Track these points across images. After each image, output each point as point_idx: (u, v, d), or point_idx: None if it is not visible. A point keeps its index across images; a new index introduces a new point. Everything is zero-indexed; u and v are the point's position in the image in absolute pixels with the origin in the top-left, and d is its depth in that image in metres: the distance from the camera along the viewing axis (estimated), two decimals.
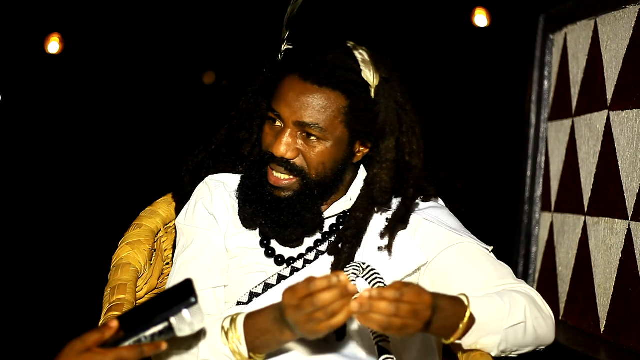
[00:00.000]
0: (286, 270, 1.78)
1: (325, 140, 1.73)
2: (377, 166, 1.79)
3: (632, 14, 2.35)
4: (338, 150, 1.76)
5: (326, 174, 1.76)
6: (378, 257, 1.77)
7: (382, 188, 1.78)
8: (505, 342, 1.64)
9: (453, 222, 1.85)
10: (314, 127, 1.72)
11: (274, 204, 1.76)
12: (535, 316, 1.67)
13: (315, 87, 1.73)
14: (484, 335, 1.60)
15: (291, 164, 1.74)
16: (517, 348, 1.68)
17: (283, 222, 1.76)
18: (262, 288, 1.76)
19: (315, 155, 1.74)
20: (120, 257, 1.92)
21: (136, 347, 1.31)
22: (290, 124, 1.73)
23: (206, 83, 7.65)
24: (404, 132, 1.79)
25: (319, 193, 1.76)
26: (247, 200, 1.78)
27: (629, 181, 2.31)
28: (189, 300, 1.34)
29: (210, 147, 1.95)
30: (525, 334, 1.66)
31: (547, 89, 2.94)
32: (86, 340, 1.30)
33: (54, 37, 7.13)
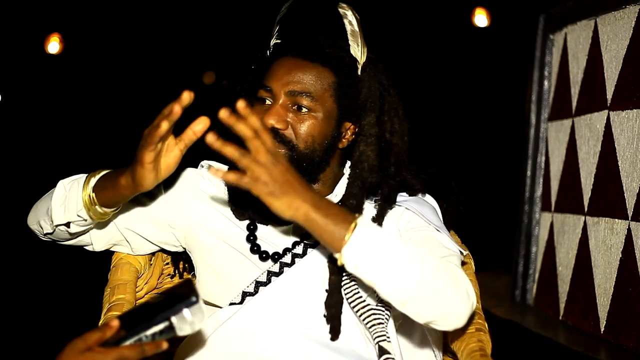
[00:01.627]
0: (275, 266, 1.78)
1: (316, 112, 1.74)
2: (362, 143, 1.79)
3: (632, 14, 2.35)
4: (327, 125, 1.76)
5: (314, 148, 1.75)
6: None
7: (369, 166, 1.78)
8: (394, 277, 1.51)
9: (434, 218, 1.83)
10: (305, 96, 1.73)
11: None
12: (441, 274, 1.55)
13: (306, 62, 1.76)
14: (370, 255, 1.49)
15: (280, 135, 1.72)
16: (411, 297, 1.53)
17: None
18: (253, 287, 1.76)
19: (306, 127, 1.74)
20: (120, 256, 1.92)
21: (137, 346, 1.31)
22: (281, 95, 1.74)
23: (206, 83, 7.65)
24: (386, 111, 1.81)
25: (306, 166, 1.76)
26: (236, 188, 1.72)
27: (629, 181, 2.32)
28: (190, 300, 1.34)
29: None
30: (423, 279, 1.52)
31: (547, 89, 2.95)
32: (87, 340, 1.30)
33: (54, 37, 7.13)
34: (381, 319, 1.67)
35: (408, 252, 1.55)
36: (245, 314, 1.71)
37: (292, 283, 1.73)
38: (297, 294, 1.72)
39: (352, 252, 1.51)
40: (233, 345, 1.69)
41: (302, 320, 1.70)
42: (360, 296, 1.69)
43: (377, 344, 1.64)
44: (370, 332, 1.66)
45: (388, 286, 1.54)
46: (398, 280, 1.53)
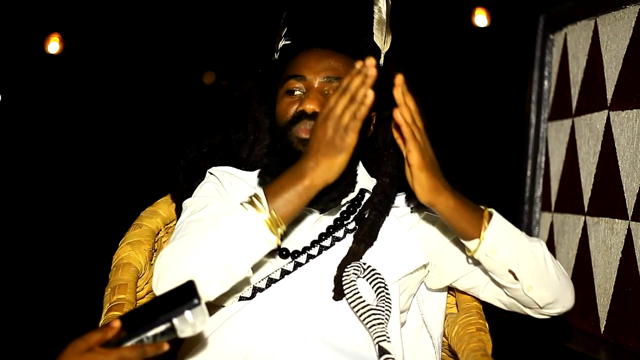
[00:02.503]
0: (290, 264, 1.78)
1: None
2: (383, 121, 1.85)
3: (632, 14, 2.35)
4: None
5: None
6: (380, 255, 1.77)
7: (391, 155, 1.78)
8: (525, 260, 1.63)
9: None
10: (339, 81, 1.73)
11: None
12: (554, 260, 1.69)
13: (336, 53, 1.79)
14: (504, 241, 1.61)
15: None
16: (537, 282, 1.66)
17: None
18: (265, 283, 1.76)
19: None
20: (121, 257, 1.92)
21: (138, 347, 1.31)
22: (316, 82, 1.76)
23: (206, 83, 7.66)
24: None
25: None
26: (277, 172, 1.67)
27: (629, 181, 2.32)
28: (192, 302, 1.34)
29: (202, 149, 1.95)
30: (545, 264, 1.66)
31: (547, 89, 2.95)
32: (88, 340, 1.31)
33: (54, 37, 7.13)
34: (381, 319, 1.67)
35: (531, 240, 1.66)
36: (252, 309, 1.71)
37: (303, 282, 1.74)
38: (307, 292, 1.73)
39: (492, 237, 1.60)
40: (237, 340, 1.69)
41: (307, 319, 1.70)
42: (360, 296, 1.69)
43: (377, 344, 1.64)
44: (370, 332, 1.67)
45: (520, 269, 1.63)
46: (527, 264, 1.63)
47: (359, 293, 1.69)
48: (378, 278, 1.72)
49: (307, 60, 1.79)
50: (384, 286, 1.72)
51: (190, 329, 1.34)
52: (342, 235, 1.78)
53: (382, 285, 1.71)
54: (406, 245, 1.79)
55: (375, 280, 1.72)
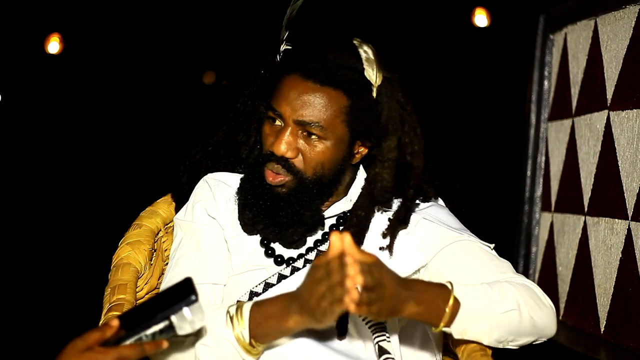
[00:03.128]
0: (287, 269, 1.78)
1: (326, 140, 1.73)
2: (378, 165, 1.79)
3: (632, 14, 2.35)
4: (338, 150, 1.76)
5: (323, 173, 1.76)
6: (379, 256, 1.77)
7: (383, 187, 1.78)
8: (498, 329, 1.61)
9: (452, 221, 1.85)
10: (314, 126, 1.71)
11: (274, 201, 1.75)
12: (531, 305, 1.65)
13: (317, 86, 1.72)
14: (474, 321, 1.58)
15: (289, 164, 1.74)
16: (514, 337, 1.65)
17: (283, 223, 1.75)
18: (262, 287, 1.76)
19: (316, 155, 1.74)
20: (121, 257, 1.92)
21: (137, 345, 1.31)
22: (290, 123, 1.73)
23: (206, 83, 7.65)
24: (406, 132, 1.80)
25: (316, 191, 1.76)
26: (246, 204, 1.78)
27: (629, 181, 2.32)
28: (190, 298, 1.34)
29: (207, 148, 1.96)
30: (520, 321, 1.63)
31: (547, 89, 2.94)
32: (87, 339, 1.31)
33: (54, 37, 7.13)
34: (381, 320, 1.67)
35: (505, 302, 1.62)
36: None
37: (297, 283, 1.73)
38: None
39: (457, 327, 1.58)
40: None
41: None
42: None
43: (376, 344, 1.64)
44: (370, 332, 1.67)
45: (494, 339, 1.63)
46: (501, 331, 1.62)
47: None
48: None
49: (287, 92, 1.74)
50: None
51: (189, 326, 1.34)
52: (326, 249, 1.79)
53: None
54: (404, 248, 1.79)
55: None
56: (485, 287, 1.62)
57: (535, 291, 1.69)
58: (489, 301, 1.60)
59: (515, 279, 1.72)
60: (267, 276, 1.78)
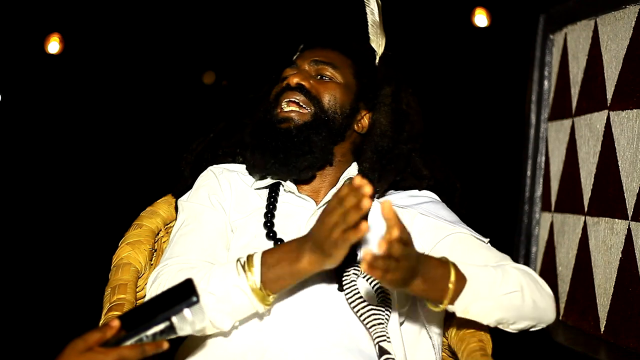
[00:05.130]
0: None
1: (337, 80, 1.84)
2: (376, 112, 1.88)
3: (632, 14, 2.35)
4: (347, 95, 1.85)
5: (336, 111, 1.82)
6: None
7: (382, 132, 1.85)
8: (500, 309, 1.62)
9: (448, 215, 1.86)
10: (328, 65, 1.84)
11: (284, 136, 1.79)
12: (533, 289, 1.66)
13: (327, 49, 1.88)
14: (476, 299, 1.59)
15: (307, 90, 1.81)
16: (515, 320, 1.65)
17: (293, 154, 1.78)
18: None
19: (328, 89, 1.83)
20: (121, 257, 1.92)
21: (138, 346, 1.31)
22: (305, 64, 1.85)
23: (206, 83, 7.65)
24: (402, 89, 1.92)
25: (329, 129, 1.81)
26: (256, 146, 1.81)
27: (629, 181, 2.32)
28: (191, 299, 1.34)
29: (206, 139, 1.99)
30: (522, 304, 1.64)
31: (547, 89, 2.94)
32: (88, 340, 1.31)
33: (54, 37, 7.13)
34: (381, 319, 1.67)
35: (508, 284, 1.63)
36: None
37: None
38: (302, 291, 1.73)
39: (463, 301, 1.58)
40: (235, 344, 1.69)
41: (306, 318, 1.70)
42: (360, 296, 1.69)
43: (377, 344, 1.64)
44: (371, 332, 1.67)
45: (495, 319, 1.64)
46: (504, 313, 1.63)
47: (359, 293, 1.69)
48: None
49: (301, 54, 1.89)
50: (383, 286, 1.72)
51: (189, 327, 1.34)
52: None
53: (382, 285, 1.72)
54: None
55: (375, 280, 1.72)
56: (489, 269, 1.64)
57: (536, 278, 1.71)
58: (493, 281, 1.61)
59: (518, 266, 1.73)
60: None
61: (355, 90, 1.86)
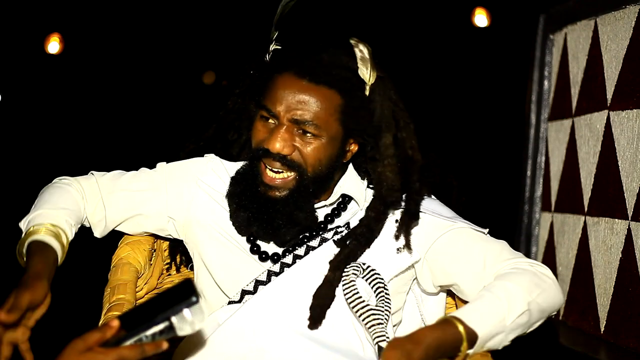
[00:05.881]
0: (276, 266, 1.78)
1: (321, 137, 1.73)
2: (379, 165, 1.80)
3: (632, 14, 2.35)
4: (333, 147, 1.76)
5: (321, 170, 1.76)
6: (373, 254, 1.77)
7: (389, 186, 1.78)
8: (513, 333, 1.62)
9: (445, 211, 1.85)
10: (309, 124, 1.72)
11: (269, 205, 1.75)
12: (537, 293, 1.64)
13: (311, 84, 1.72)
14: (489, 339, 1.58)
15: (288, 160, 1.73)
16: (528, 329, 1.66)
17: (277, 224, 1.75)
18: (253, 286, 1.77)
19: (312, 151, 1.74)
20: (120, 257, 1.92)
21: (137, 346, 1.31)
22: (285, 121, 1.73)
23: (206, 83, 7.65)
24: (402, 127, 1.81)
25: (313, 190, 1.76)
26: (240, 206, 1.77)
27: (629, 181, 2.32)
28: (190, 300, 1.34)
29: (199, 142, 1.97)
30: (530, 318, 1.63)
31: (547, 89, 2.94)
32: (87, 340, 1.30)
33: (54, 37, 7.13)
34: (380, 320, 1.67)
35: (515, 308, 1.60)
36: (244, 313, 1.72)
37: (291, 283, 1.74)
38: (296, 294, 1.73)
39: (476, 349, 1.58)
40: (232, 346, 1.69)
41: (301, 320, 1.70)
42: (359, 297, 1.69)
43: (376, 344, 1.64)
44: (370, 333, 1.67)
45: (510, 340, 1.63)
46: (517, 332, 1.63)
47: (358, 293, 1.69)
48: (377, 278, 1.72)
49: (281, 92, 1.73)
50: (383, 286, 1.72)
51: (189, 327, 1.34)
52: (330, 236, 1.79)
53: (381, 285, 1.71)
54: (396, 246, 1.79)
55: (374, 280, 1.72)
56: (493, 300, 1.61)
57: (536, 273, 1.68)
58: (501, 315, 1.59)
59: (515, 265, 1.71)
60: (257, 273, 1.78)
61: (342, 136, 1.77)
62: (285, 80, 1.74)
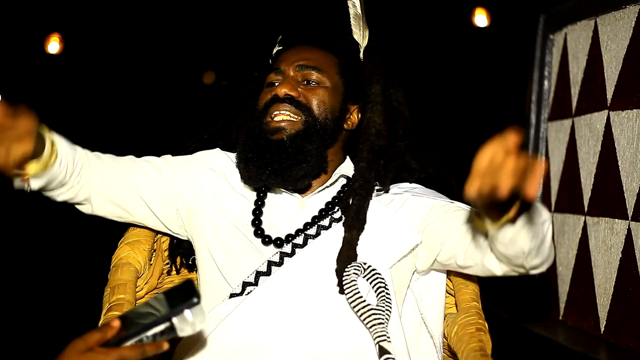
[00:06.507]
0: (275, 256, 1.78)
1: (324, 85, 1.84)
2: (368, 112, 1.88)
3: (632, 14, 2.35)
4: (335, 97, 1.85)
5: (327, 116, 1.83)
6: (372, 242, 1.77)
7: (377, 131, 1.86)
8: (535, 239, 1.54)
9: (441, 196, 1.87)
10: (313, 70, 1.83)
11: (278, 148, 1.78)
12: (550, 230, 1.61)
13: (310, 46, 1.88)
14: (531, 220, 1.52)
15: (296, 101, 1.81)
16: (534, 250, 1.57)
17: (288, 164, 1.77)
18: (253, 277, 1.77)
19: (317, 96, 1.82)
20: (120, 256, 1.92)
21: (138, 346, 1.31)
22: (290, 71, 1.84)
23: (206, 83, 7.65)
24: (390, 85, 1.92)
25: (322, 134, 1.81)
26: (249, 158, 1.80)
27: (629, 181, 2.32)
28: (191, 301, 1.34)
29: (203, 136, 2.00)
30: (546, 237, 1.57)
31: (547, 89, 2.94)
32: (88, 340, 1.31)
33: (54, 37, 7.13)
34: (381, 319, 1.67)
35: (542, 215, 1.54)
36: (246, 308, 1.72)
37: (293, 275, 1.74)
38: (299, 286, 1.73)
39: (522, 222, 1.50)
40: (234, 343, 1.69)
41: (306, 317, 1.70)
42: (360, 296, 1.69)
43: (377, 344, 1.64)
44: (371, 332, 1.67)
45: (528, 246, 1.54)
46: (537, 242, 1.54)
47: (359, 293, 1.69)
48: (378, 278, 1.72)
49: (285, 56, 1.88)
50: (384, 286, 1.72)
51: (189, 328, 1.34)
52: (327, 224, 1.81)
53: (382, 285, 1.72)
54: (397, 229, 1.80)
55: (375, 279, 1.72)
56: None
57: None
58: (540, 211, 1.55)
59: None
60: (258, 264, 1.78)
61: (343, 90, 1.87)
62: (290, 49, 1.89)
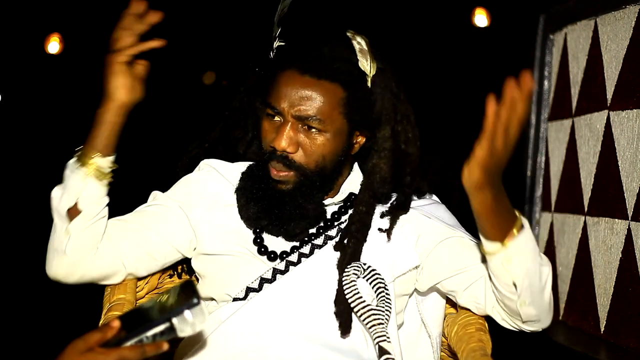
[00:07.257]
0: (281, 264, 1.78)
1: (326, 132, 1.75)
2: (375, 156, 1.82)
3: (632, 14, 2.35)
4: (338, 141, 1.77)
5: (325, 166, 1.77)
6: (375, 255, 1.78)
7: (382, 178, 1.81)
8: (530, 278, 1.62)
9: (448, 217, 1.87)
10: (313, 120, 1.73)
11: (278, 198, 1.76)
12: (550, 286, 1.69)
13: (313, 80, 1.74)
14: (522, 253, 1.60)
15: (289, 160, 1.75)
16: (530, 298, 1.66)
17: (286, 217, 1.76)
18: (258, 283, 1.77)
19: (317, 147, 1.75)
20: None
21: (138, 347, 1.31)
22: (290, 118, 1.74)
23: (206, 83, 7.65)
24: (399, 121, 1.83)
25: (319, 184, 1.78)
26: (250, 199, 1.79)
27: (629, 181, 2.32)
28: (192, 301, 1.34)
29: (203, 145, 1.98)
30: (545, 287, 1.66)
31: (547, 89, 2.94)
32: (88, 340, 1.31)
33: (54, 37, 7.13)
34: (381, 319, 1.67)
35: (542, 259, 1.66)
36: (247, 311, 1.72)
37: (296, 282, 1.74)
38: (301, 293, 1.73)
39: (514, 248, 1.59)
40: (234, 344, 1.69)
41: (304, 319, 1.71)
42: (360, 296, 1.69)
43: (377, 344, 1.65)
44: (370, 333, 1.67)
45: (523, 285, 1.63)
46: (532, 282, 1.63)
47: (359, 293, 1.69)
48: (378, 278, 1.72)
49: (284, 88, 1.75)
50: (384, 286, 1.72)
51: (189, 329, 1.34)
52: (334, 234, 1.80)
53: (382, 285, 1.72)
54: (400, 247, 1.80)
55: (375, 280, 1.72)
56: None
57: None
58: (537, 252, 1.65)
59: None
60: (262, 271, 1.78)
61: (347, 129, 1.78)
62: (288, 77, 1.76)
